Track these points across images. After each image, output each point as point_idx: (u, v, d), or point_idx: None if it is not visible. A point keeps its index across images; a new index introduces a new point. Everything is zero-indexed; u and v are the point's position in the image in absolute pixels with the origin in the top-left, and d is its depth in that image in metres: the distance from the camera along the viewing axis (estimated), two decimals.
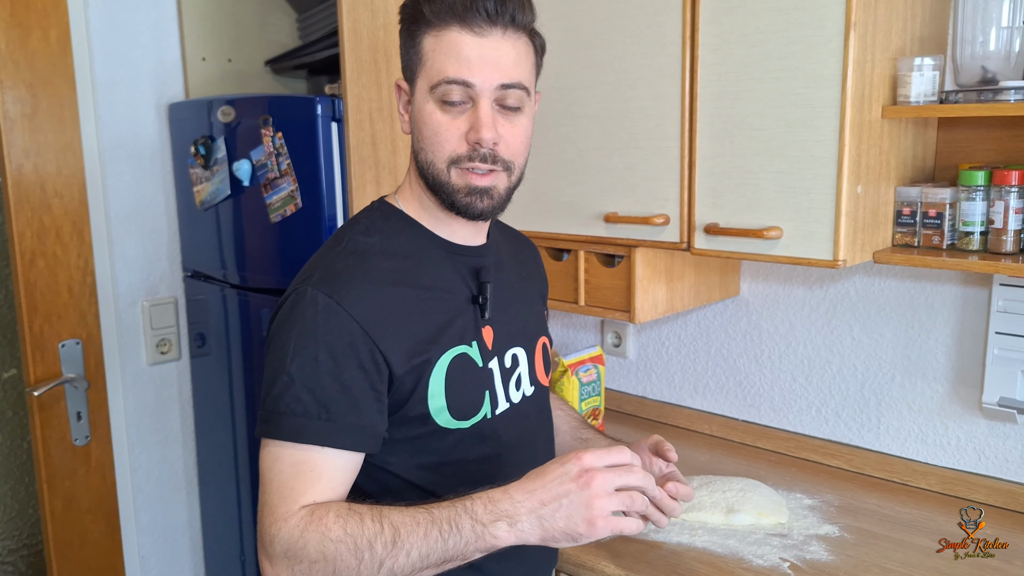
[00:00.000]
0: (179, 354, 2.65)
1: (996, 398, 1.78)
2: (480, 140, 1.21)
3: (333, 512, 1.14)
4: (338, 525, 1.12)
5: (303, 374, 1.17)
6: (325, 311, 1.19)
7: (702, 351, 2.32)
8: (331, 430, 1.18)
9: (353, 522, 1.12)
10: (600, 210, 1.90)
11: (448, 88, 1.21)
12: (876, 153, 1.61)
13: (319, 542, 1.12)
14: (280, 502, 1.16)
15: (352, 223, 1.35)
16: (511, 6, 1.21)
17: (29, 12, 2.20)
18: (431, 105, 1.23)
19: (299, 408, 1.17)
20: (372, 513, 1.13)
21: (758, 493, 1.81)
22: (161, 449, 2.66)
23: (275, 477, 1.18)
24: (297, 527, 1.13)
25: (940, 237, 1.65)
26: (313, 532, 1.12)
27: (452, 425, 1.28)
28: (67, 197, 2.31)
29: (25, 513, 2.58)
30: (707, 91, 1.70)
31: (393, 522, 1.12)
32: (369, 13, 2.03)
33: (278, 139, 2.10)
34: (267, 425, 1.19)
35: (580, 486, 1.09)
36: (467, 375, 1.30)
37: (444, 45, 1.21)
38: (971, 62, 1.60)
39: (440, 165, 1.24)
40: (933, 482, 1.92)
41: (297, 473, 1.17)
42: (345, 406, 1.18)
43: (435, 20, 1.21)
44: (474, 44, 1.20)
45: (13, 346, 2.49)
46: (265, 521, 1.16)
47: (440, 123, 1.23)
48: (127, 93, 2.45)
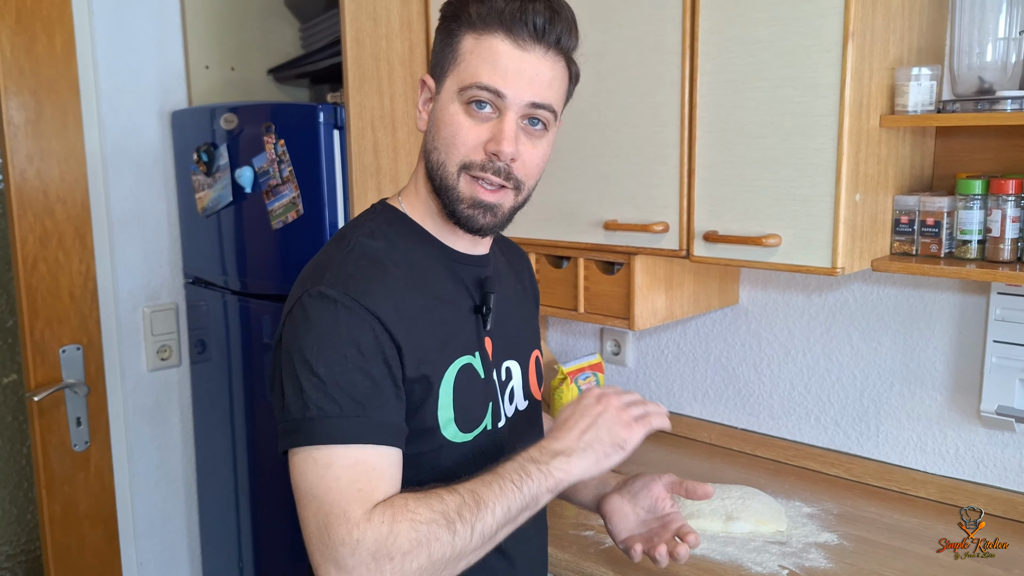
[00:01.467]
0: (179, 360, 2.66)
1: (994, 406, 1.78)
2: (499, 152, 1.18)
3: (411, 499, 1.10)
4: (423, 506, 1.09)
5: (332, 372, 1.12)
6: (346, 308, 1.15)
7: (701, 359, 2.33)
8: (370, 427, 1.13)
9: (435, 500, 1.10)
10: (600, 217, 1.91)
11: (478, 92, 1.18)
12: (874, 162, 1.62)
13: (410, 529, 1.07)
14: (352, 505, 1.08)
15: (355, 225, 1.31)
16: (559, 27, 1.19)
17: (34, 19, 2.21)
18: (456, 106, 1.20)
19: (334, 409, 1.11)
20: (445, 490, 1.12)
21: (757, 501, 1.81)
22: (160, 455, 2.66)
23: (333, 485, 1.09)
24: (384, 523, 1.07)
25: (938, 245, 1.65)
26: (402, 522, 1.07)
27: (458, 438, 1.26)
28: (69, 203, 2.32)
29: (24, 518, 2.58)
30: (706, 99, 1.71)
31: (469, 488, 1.12)
32: (372, 22, 2.05)
33: (280, 146, 2.11)
34: (297, 434, 1.12)
35: (604, 406, 1.22)
36: (472, 386, 1.28)
37: (483, 49, 1.18)
38: (968, 72, 1.61)
39: (451, 168, 1.21)
40: (932, 491, 1.92)
41: (358, 474, 1.11)
42: (379, 402, 1.14)
43: (479, 23, 1.18)
44: (514, 56, 1.18)
45: (14, 351, 2.49)
46: (339, 531, 1.07)
47: (461, 125, 1.20)
48: (130, 100, 2.46)
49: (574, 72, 1.27)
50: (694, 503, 1.79)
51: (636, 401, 1.26)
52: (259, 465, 2.42)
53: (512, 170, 1.21)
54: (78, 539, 2.44)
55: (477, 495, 1.12)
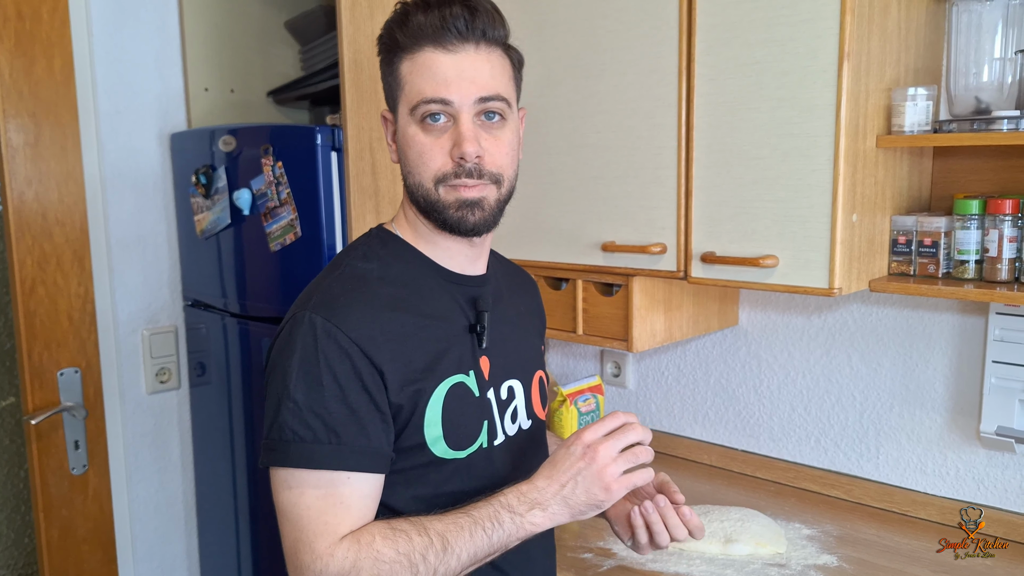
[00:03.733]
0: (179, 383, 2.65)
1: (994, 427, 1.78)
2: (464, 154, 1.21)
3: (379, 535, 1.15)
4: (388, 546, 1.14)
5: (309, 399, 1.17)
6: (325, 335, 1.18)
7: (701, 381, 2.32)
8: (342, 454, 1.17)
9: (402, 540, 1.15)
10: (598, 239, 1.91)
11: (427, 107, 1.22)
12: (871, 182, 1.62)
13: (373, 566, 1.13)
14: (318, 538, 1.15)
15: (351, 249, 1.34)
16: (480, 22, 1.22)
17: (34, 42, 2.22)
18: (413, 127, 1.24)
19: (308, 434, 1.17)
20: (416, 528, 1.16)
21: (756, 523, 1.80)
22: (160, 479, 2.65)
23: (303, 513, 1.17)
24: (347, 558, 1.14)
25: (936, 266, 1.65)
26: (365, 560, 1.13)
27: (448, 455, 1.27)
28: (68, 225, 2.32)
29: (21, 542, 2.57)
30: (703, 121, 1.71)
31: (439, 531, 1.16)
32: (369, 44, 2.05)
33: (278, 168, 2.11)
34: (274, 454, 1.18)
35: (588, 461, 1.18)
36: (464, 404, 1.29)
37: (419, 67, 1.23)
38: (965, 93, 1.61)
39: (428, 185, 1.25)
40: (932, 512, 1.91)
41: (326, 506, 1.16)
42: (354, 430, 1.18)
43: (409, 44, 1.23)
44: (449, 62, 1.22)
45: (12, 374, 2.49)
46: (305, 559, 1.15)
47: (424, 144, 1.24)
48: (130, 123, 2.47)
49: (515, 58, 1.30)
50: None
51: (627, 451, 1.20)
52: (259, 489, 2.41)
53: (483, 166, 1.24)
54: (76, 563, 2.43)
55: (446, 540, 1.15)
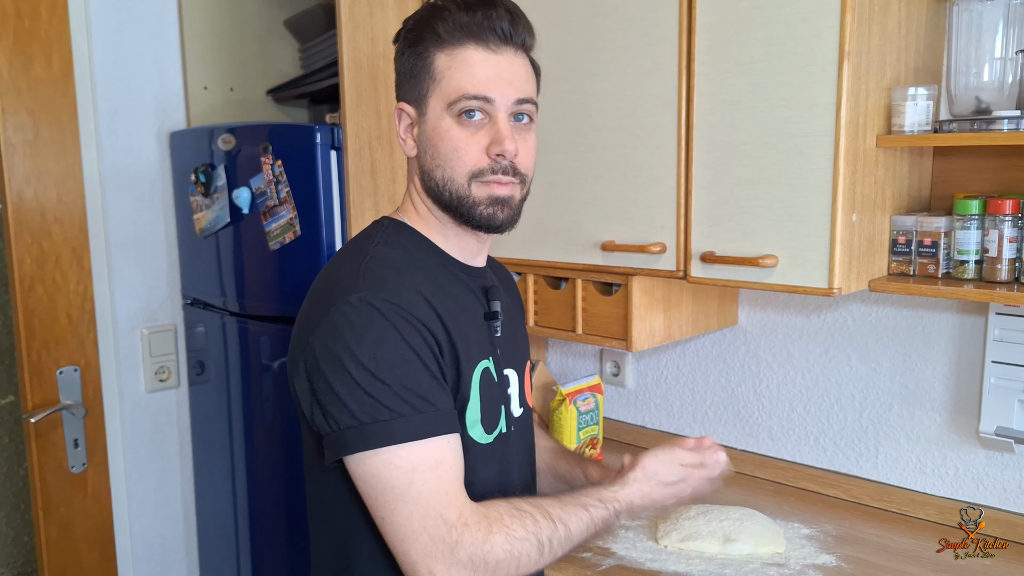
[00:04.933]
0: (178, 382, 2.65)
1: (993, 427, 1.77)
2: (504, 151, 1.25)
3: (505, 513, 1.21)
4: (518, 524, 1.20)
5: (396, 375, 1.17)
6: (393, 314, 1.19)
7: (700, 380, 2.32)
8: (440, 419, 1.20)
9: (528, 521, 1.21)
10: (597, 238, 1.90)
11: (468, 103, 1.25)
12: (871, 182, 1.62)
13: (504, 542, 1.18)
14: (446, 509, 1.17)
15: (367, 236, 1.34)
16: (520, 28, 1.27)
17: (32, 40, 2.22)
18: (448, 121, 1.26)
19: (406, 408, 1.17)
20: (539, 510, 1.23)
21: (755, 522, 1.80)
22: (159, 477, 2.65)
23: (423, 488, 1.17)
24: (480, 532, 1.17)
25: (935, 266, 1.65)
26: (497, 534, 1.18)
27: (483, 440, 1.31)
28: (67, 224, 2.32)
29: (20, 540, 2.57)
30: (703, 120, 1.71)
31: (561, 519, 1.24)
32: (369, 43, 2.05)
33: (277, 167, 2.11)
34: (376, 438, 1.17)
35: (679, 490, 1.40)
36: (491, 389, 1.33)
37: (460, 62, 1.25)
38: (965, 92, 1.61)
39: (460, 180, 1.27)
40: (931, 512, 1.91)
41: (442, 476, 1.18)
42: (442, 395, 1.21)
43: (448, 38, 1.25)
44: (491, 61, 1.25)
45: (11, 372, 2.49)
46: (436, 534, 1.16)
47: (460, 138, 1.26)
48: (128, 121, 2.46)
49: (537, 67, 1.35)
50: (691, 524, 1.78)
51: None
52: (258, 487, 2.41)
53: (516, 165, 1.28)
54: (75, 562, 2.43)
55: (569, 529, 1.25)
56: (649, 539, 1.82)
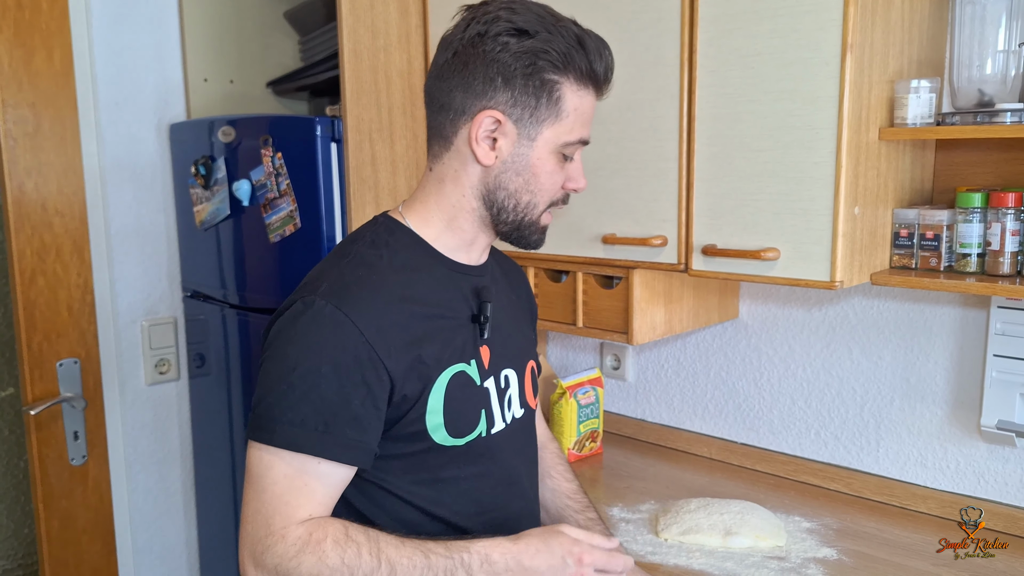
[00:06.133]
0: (178, 374, 2.65)
1: (994, 421, 1.77)
2: (579, 189, 1.33)
3: (331, 538, 1.16)
4: (335, 553, 1.15)
5: (305, 385, 1.18)
6: (332, 323, 1.19)
7: (701, 373, 2.32)
8: (328, 443, 1.18)
9: (351, 552, 1.16)
10: (598, 231, 1.90)
11: (577, 147, 1.30)
12: (874, 175, 1.62)
13: (314, 566, 1.15)
14: (275, 515, 1.17)
15: (357, 236, 1.34)
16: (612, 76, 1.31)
17: (33, 32, 2.21)
18: (555, 157, 1.29)
19: (297, 418, 1.18)
20: (369, 545, 1.17)
21: (756, 516, 1.80)
22: (159, 470, 2.65)
23: (269, 487, 1.18)
24: (293, 546, 1.16)
25: (938, 259, 1.65)
26: (309, 555, 1.15)
27: (448, 442, 1.29)
28: (68, 216, 2.32)
29: (21, 533, 2.57)
30: (705, 112, 1.70)
31: (390, 560, 1.16)
32: (370, 35, 2.05)
33: (278, 159, 2.11)
34: (262, 432, 1.19)
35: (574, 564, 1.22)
36: (465, 393, 1.31)
37: (586, 108, 1.29)
38: (968, 85, 1.60)
39: (542, 207, 1.31)
40: (933, 506, 1.91)
41: (292, 487, 1.18)
42: (344, 420, 1.19)
43: (580, 79, 1.26)
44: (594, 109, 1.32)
45: (11, 365, 2.49)
46: (258, 530, 1.18)
47: (554, 172, 1.29)
48: (129, 113, 2.46)
49: None
50: (692, 517, 1.79)
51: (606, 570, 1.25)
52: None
53: None
54: (76, 554, 2.43)
55: (394, 570, 1.16)
56: (650, 532, 1.82)
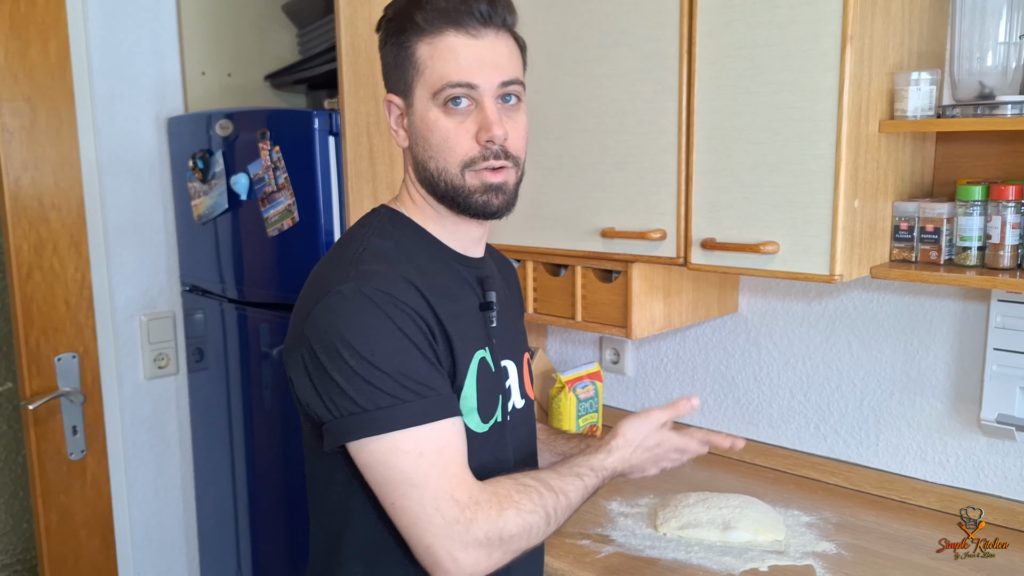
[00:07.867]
0: (177, 368, 2.65)
1: (994, 415, 1.77)
2: (492, 137, 1.24)
3: (512, 488, 1.22)
4: (525, 498, 1.22)
5: (395, 363, 1.17)
6: (385, 301, 1.19)
7: (700, 367, 2.31)
8: (442, 403, 1.20)
9: (535, 494, 1.23)
10: (597, 225, 1.89)
11: (452, 91, 1.23)
12: (873, 168, 1.61)
13: (516, 516, 1.20)
14: (457, 490, 1.17)
15: (362, 226, 1.34)
16: (501, 8, 1.25)
17: (29, 25, 2.20)
18: (435, 112, 1.25)
19: (408, 394, 1.17)
20: (539, 484, 1.25)
21: (755, 510, 1.79)
22: (158, 464, 2.65)
23: (430, 472, 1.17)
24: (492, 509, 1.18)
25: (938, 252, 1.64)
26: (508, 510, 1.19)
27: (479, 428, 1.31)
28: (65, 210, 2.31)
29: (19, 528, 2.57)
30: (704, 105, 1.69)
31: (562, 489, 1.27)
32: (367, 28, 2.04)
33: (275, 153, 2.10)
34: (376, 423, 1.16)
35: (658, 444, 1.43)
36: (488, 378, 1.33)
37: (441, 50, 1.23)
38: (968, 77, 1.60)
39: (454, 170, 1.26)
40: (932, 500, 1.90)
41: (448, 459, 1.18)
42: (441, 380, 1.22)
43: (427, 27, 1.23)
44: (471, 46, 1.23)
45: (9, 359, 2.48)
46: (447, 515, 1.16)
47: (448, 128, 1.25)
48: (126, 107, 2.45)
49: (522, 43, 1.33)
50: (691, 511, 1.78)
51: None
52: (257, 474, 2.41)
53: (507, 148, 1.27)
54: (75, 549, 2.43)
55: (569, 499, 1.27)
56: (648, 526, 1.81)
